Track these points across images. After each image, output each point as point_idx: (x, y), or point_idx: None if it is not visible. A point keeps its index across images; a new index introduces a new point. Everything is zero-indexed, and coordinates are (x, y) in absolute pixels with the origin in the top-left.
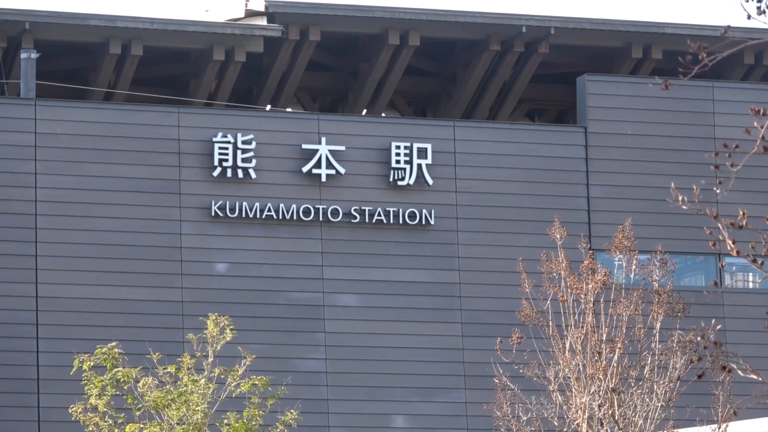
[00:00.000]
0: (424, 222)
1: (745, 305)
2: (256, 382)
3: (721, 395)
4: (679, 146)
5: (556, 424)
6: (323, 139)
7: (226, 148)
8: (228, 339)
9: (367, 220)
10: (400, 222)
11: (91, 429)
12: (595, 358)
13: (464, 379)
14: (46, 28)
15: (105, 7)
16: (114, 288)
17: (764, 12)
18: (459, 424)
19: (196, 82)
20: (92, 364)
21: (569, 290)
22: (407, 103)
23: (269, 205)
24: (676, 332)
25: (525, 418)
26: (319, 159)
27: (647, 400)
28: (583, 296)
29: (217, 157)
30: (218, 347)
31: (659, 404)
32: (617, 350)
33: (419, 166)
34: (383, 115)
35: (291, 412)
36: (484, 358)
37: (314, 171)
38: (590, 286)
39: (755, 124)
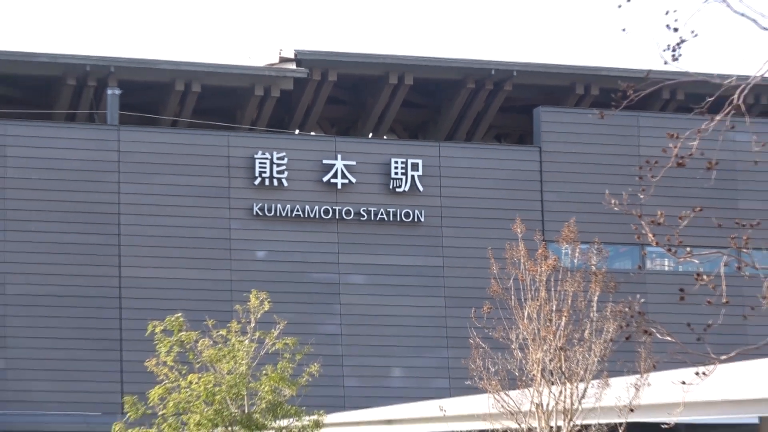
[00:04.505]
0: (416, 220)
1: (662, 284)
2: (288, 342)
3: (643, 352)
4: (612, 162)
5: (517, 374)
6: (339, 156)
7: (265, 163)
8: (266, 309)
9: (372, 219)
10: (398, 220)
11: (161, 378)
12: (547, 324)
13: (447, 340)
14: (126, 70)
15: (171, 54)
16: (179, 270)
17: (677, 59)
18: (443, 374)
19: (242, 112)
20: (162, 328)
21: (527, 272)
22: (403, 129)
23: (297, 206)
24: (608, 304)
25: (493, 369)
26: (336, 171)
27: (587, 356)
28: (537, 276)
29: (257, 169)
30: (258, 315)
31: (596, 359)
32: (564, 318)
33: (413, 176)
34: (385, 137)
35: (314, 365)
36: (462, 324)
37: (332, 180)
38: (543, 268)
39: (670, 144)
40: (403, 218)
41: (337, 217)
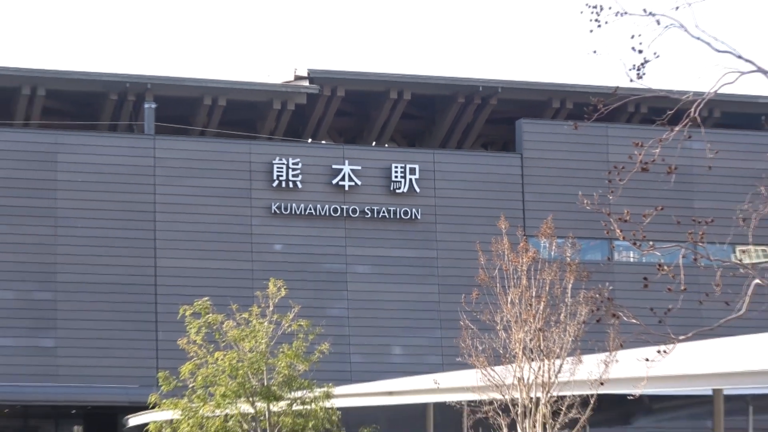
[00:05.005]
0: (413, 217)
1: (629, 273)
2: (301, 324)
3: (612, 333)
4: (584, 167)
5: (501, 352)
6: (346, 162)
7: (282, 167)
8: (282, 295)
9: (375, 216)
10: (398, 217)
11: (191, 355)
12: (528, 308)
13: (440, 322)
14: (161, 87)
15: (200, 72)
16: (206, 261)
17: (641, 77)
18: (436, 352)
19: (261, 123)
20: (192, 311)
21: (510, 263)
22: (402, 138)
23: (310, 206)
24: (581, 291)
25: (481, 348)
26: (344, 175)
27: (563, 336)
28: (519, 267)
29: (275, 173)
30: (276, 300)
31: (570, 339)
32: (542, 303)
33: (410, 179)
34: (386, 145)
35: (324, 344)
36: (453, 308)
37: (340, 183)
38: (524, 260)
39: (635, 152)
40: (402, 216)
41: (344, 215)
